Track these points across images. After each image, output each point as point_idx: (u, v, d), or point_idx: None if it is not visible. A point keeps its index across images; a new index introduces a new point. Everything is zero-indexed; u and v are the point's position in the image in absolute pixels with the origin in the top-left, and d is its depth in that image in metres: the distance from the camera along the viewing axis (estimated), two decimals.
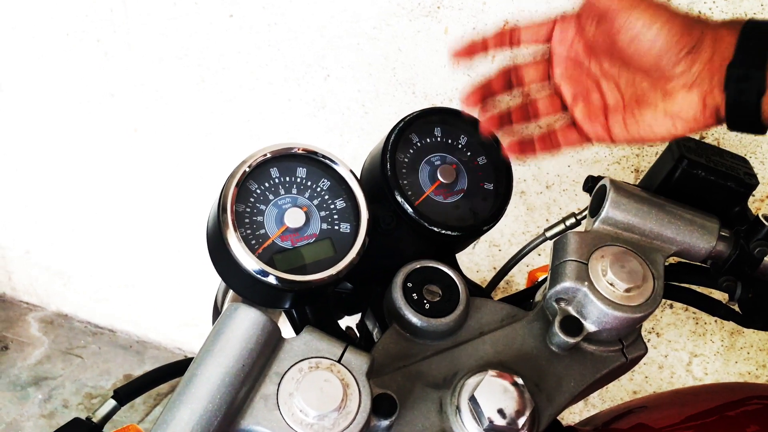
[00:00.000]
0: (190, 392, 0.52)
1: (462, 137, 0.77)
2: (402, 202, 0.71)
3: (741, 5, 1.13)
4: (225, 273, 0.66)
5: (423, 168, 0.75)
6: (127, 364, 2.30)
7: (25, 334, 2.41)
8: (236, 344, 0.54)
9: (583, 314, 0.66)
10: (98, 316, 2.43)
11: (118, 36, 1.66)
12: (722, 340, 1.50)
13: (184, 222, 1.97)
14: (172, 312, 2.26)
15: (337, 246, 0.66)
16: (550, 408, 0.64)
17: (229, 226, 0.62)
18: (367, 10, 1.36)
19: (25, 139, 2.02)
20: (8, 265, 2.44)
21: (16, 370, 2.27)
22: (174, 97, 1.70)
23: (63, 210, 2.15)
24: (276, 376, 0.55)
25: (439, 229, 0.71)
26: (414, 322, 0.65)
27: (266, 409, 0.54)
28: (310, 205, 0.67)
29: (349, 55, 1.44)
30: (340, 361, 0.57)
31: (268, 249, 0.64)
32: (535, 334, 0.67)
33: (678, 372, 1.59)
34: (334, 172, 0.68)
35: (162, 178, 1.90)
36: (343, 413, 0.54)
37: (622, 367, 0.69)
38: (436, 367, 0.64)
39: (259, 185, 0.66)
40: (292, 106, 1.57)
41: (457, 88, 1.38)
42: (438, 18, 1.32)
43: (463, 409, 0.60)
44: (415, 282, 0.67)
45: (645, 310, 0.65)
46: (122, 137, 1.85)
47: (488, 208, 0.75)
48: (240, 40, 1.53)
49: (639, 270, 0.66)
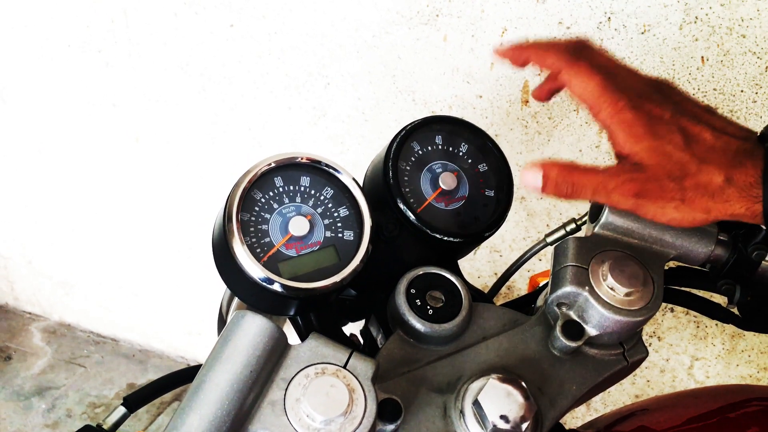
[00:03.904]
0: (199, 398, 0.53)
1: (463, 145, 0.78)
2: (404, 209, 0.71)
3: (737, 11, 1.14)
4: (230, 281, 0.67)
5: (425, 176, 0.76)
6: (130, 373, 2.30)
7: (28, 344, 2.41)
8: (244, 351, 0.55)
9: (585, 318, 0.66)
10: (101, 325, 2.43)
11: (120, 46, 1.68)
12: (723, 344, 1.51)
13: (186, 231, 1.98)
14: (174, 321, 2.26)
15: (341, 253, 0.67)
16: (552, 411, 0.65)
17: (235, 235, 0.63)
18: (367, 19, 1.38)
19: (27, 149, 2.03)
20: (11, 274, 2.44)
21: (19, 380, 2.27)
22: (175, 107, 1.72)
23: (65, 219, 2.16)
24: (283, 381, 0.56)
25: (441, 236, 0.72)
26: (417, 328, 0.66)
27: (274, 414, 0.55)
28: (314, 214, 0.68)
29: (349, 63, 1.45)
30: (345, 367, 0.58)
31: (273, 257, 0.65)
32: (537, 338, 0.68)
33: (680, 375, 1.60)
34: (338, 181, 0.69)
35: (164, 188, 1.91)
36: (349, 418, 0.55)
37: (624, 370, 0.70)
38: (439, 372, 0.65)
39: (263, 194, 0.67)
40: (293, 114, 1.58)
41: (456, 95, 1.39)
42: (437, 26, 1.33)
43: (467, 413, 0.61)
44: (418, 288, 0.68)
45: (645, 314, 0.66)
46: (124, 147, 1.86)
47: (489, 214, 0.76)
48: (241, 50, 1.54)
49: (639, 274, 0.67)
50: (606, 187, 0.61)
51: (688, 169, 0.59)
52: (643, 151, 0.60)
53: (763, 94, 1.20)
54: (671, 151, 0.60)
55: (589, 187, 0.61)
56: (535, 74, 1.31)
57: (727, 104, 1.22)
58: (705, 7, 1.16)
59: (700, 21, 1.17)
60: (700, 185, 0.59)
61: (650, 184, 0.60)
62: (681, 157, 0.60)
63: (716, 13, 1.16)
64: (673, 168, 0.60)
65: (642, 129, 0.60)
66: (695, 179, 0.59)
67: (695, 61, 1.21)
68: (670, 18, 1.19)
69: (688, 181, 0.59)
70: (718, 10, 1.15)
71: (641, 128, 0.60)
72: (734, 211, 0.59)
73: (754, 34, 1.16)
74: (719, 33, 1.17)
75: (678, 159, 0.60)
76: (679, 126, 0.60)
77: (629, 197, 0.60)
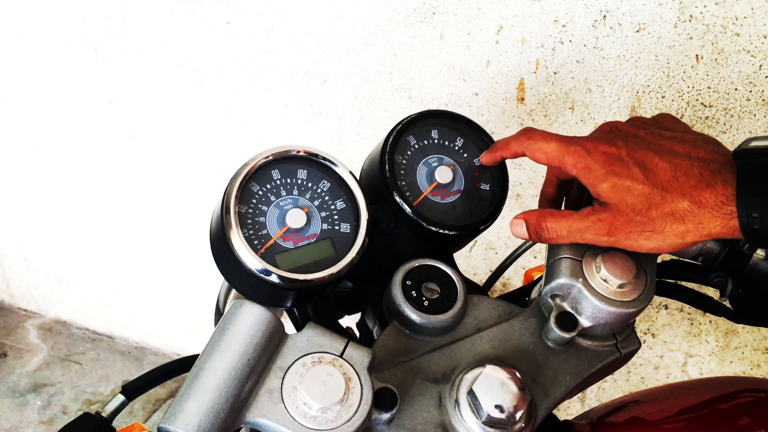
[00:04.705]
0: (198, 386, 0.54)
1: (458, 139, 0.79)
2: (401, 202, 0.72)
3: (732, 9, 1.15)
4: (228, 273, 0.68)
5: (421, 169, 0.76)
6: (126, 370, 2.31)
7: (24, 341, 2.41)
8: (242, 339, 0.56)
9: (578, 310, 0.67)
10: (97, 322, 2.43)
11: (116, 43, 1.68)
12: (717, 341, 1.52)
13: (182, 228, 1.98)
14: (170, 318, 2.27)
15: (337, 246, 0.68)
16: (546, 401, 0.65)
17: (233, 227, 0.63)
18: (364, 17, 1.38)
19: (23, 146, 2.04)
20: (6, 272, 2.45)
21: (15, 377, 2.28)
22: (172, 104, 1.72)
23: (61, 217, 2.16)
24: (280, 370, 0.57)
25: (437, 229, 0.72)
26: (413, 319, 0.66)
27: (271, 402, 0.55)
28: (311, 206, 0.69)
29: (345, 60, 1.45)
30: (342, 356, 0.58)
31: (271, 249, 0.66)
32: (532, 329, 0.69)
33: (674, 372, 1.61)
34: (335, 174, 0.70)
35: (160, 185, 1.91)
36: (346, 406, 0.56)
37: (617, 361, 0.70)
38: (435, 363, 0.66)
39: (261, 187, 0.67)
40: (290, 111, 1.59)
41: (452, 92, 1.40)
42: (433, 24, 1.34)
43: (461, 402, 0.61)
44: (414, 280, 0.68)
45: (638, 306, 0.66)
46: (121, 144, 1.86)
47: (485, 208, 0.77)
48: (238, 47, 1.54)
49: (632, 266, 0.67)
50: (579, 229, 0.65)
51: (651, 200, 0.62)
52: (606, 191, 0.64)
53: (757, 92, 1.21)
54: (631, 186, 0.63)
55: (564, 230, 0.66)
56: (531, 72, 1.32)
57: (721, 102, 1.23)
58: (699, 6, 1.17)
59: (694, 19, 1.18)
60: (667, 213, 0.62)
61: (617, 220, 0.63)
62: (642, 190, 0.62)
63: (711, 11, 1.17)
64: (636, 201, 0.62)
65: (601, 170, 0.64)
66: (660, 209, 0.62)
67: (690, 60, 1.22)
68: (665, 16, 1.19)
69: (653, 211, 0.62)
70: (712, 9, 1.16)
71: (600, 169, 0.64)
72: (711, 230, 0.61)
73: (748, 33, 1.17)
74: (714, 31, 1.18)
75: (639, 192, 0.62)
76: (636, 160, 0.63)
77: (601, 236, 0.64)
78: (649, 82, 1.26)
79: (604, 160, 0.64)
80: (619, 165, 0.64)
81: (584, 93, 1.31)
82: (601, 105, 1.31)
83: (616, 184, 0.63)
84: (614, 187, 0.63)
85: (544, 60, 1.30)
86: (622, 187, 0.63)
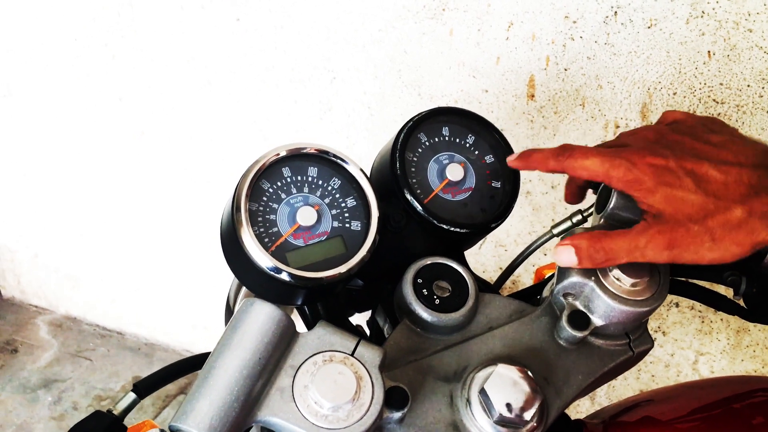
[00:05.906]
0: (209, 384, 0.53)
1: (469, 136, 0.78)
2: (411, 200, 0.72)
3: (744, 5, 1.14)
4: (239, 271, 0.67)
5: (431, 167, 0.76)
6: (135, 367, 2.31)
7: (35, 337, 2.42)
8: (253, 337, 0.56)
9: (591, 309, 0.67)
10: (107, 318, 2.44)
11: (126, 40, 1.68)
12: (728, 339, 1.51)
13: (192, 224, 1.98)
14: (180, 314, 2.27)
15: (348, 244, 0.68)
16: (558, 401, 0.65)
17: (243, 225, 0.63)
18: (373, 13, 1.38)
19: (33, 143, 2.04)
20: (17, 268, 2.46)
21: (25, 373, 2.29)
22: (181, 100, 1.72)
23: (71, 213, 2.17)
24: (291, 369, 0.57)
25: (448, 227, 0.72)
26: (424, 317, 0.66)
27: (282, 400, 0.55)
28: (322, 204, 0.68)
29: (355, 57, 1.45)
30: (353, 355, 0.58)
31: (281, 247, 0.65)
32: (543, 328, 0.69)
33: (684, 371, 1.60)
34: (345, 172, 0.69)
35: (169, 181, 1.91)
36: (357, 405, 0.56)
37: (629, 360, 0.70)
38: (446, 361, 0.65)
39: (271, 184, 0.67)
40: (299, 108, 1.58)
41: (462, 89, 1.39)
42: (443, 20, 1.33)
43: (473, 401, 0.61)
44: (425, 278, 0.68)
45: (651, 304, 0.66)
46: (130, 140, 1.87)
47: (496, 205, 0.76)
48: (247, 43, 1.54)
49: (645, 265, 0.67)
50: (638, 246, 0.62)
51: (707, 209, 0.60)
52: (659, 202, 0.62)
53: None
54: (684, 196, 0.61)
55: (623, 250, 0.63)
56: (542, 68, 1.31)
57: (733, 99, 1.22)
58: (712, 2, 1.16)
59: (706, 15, 1.17)
60: (724, 221, 0.60)
61: (676, 232, 0.61)
62: (696, 200, 0.61)
63: (723, 7, 1.16)
64: (692, 211, 0.60)
65: (651, 182, 0.62)
66: (717, 217, 0.60)
67: (702, 56, 1.21)
68: (677, 12, 1.19)
69: (710, 220, 0.60)
70: (724, 5, 1.15)
71: (650, 181, 0.62)
72: (759, 239, 0.60)
73: (761, 29, 1.16)
74: (726, 27, 1.17)
75: (693, 201, 0.61)
76: (686, 170, 0.62)
77: (663, 250, 0.61)
78: (660, 78, 1.25)
79: (653, 171, 0.62)
80: (669, 176, 0.62)
81: (595, 90, 1.30)
82: (612, 102, 1.31)
83: (668, 194, 0.61)
84: (667, 198, 0.61)
85: (554, 56, 1.29)
86: (675, 197, 0.61)
